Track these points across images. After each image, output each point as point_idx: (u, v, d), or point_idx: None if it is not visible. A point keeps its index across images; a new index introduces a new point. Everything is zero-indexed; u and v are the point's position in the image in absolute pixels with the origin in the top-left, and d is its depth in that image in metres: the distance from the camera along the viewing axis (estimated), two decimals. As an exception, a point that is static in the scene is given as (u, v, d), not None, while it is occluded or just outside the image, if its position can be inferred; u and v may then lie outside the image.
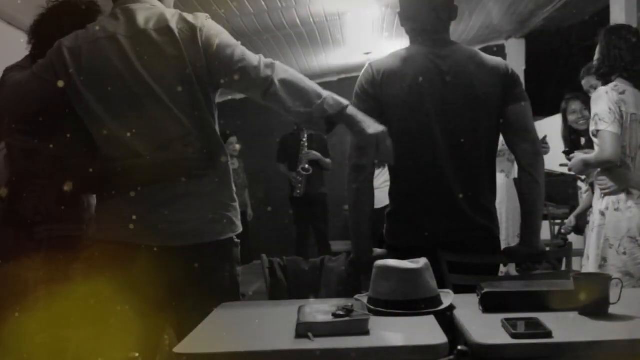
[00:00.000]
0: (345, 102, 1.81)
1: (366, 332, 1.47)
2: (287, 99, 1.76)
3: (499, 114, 2.13)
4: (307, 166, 6.05)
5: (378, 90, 2.11)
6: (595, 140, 2.65)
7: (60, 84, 1.76)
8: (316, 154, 6.12)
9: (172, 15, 1.80)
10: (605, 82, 2.72)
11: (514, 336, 1.41)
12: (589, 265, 2.66)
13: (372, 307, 1.66)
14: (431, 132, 2.09)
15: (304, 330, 1.46)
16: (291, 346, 1.42)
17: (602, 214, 2.67)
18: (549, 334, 1.41)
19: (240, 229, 1.87)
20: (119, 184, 1.77)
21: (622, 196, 2.61)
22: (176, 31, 1.76)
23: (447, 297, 1.74)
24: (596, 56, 2.83)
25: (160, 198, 1.75)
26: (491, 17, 6.08)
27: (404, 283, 1.66)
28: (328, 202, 6.38)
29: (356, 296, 1.78)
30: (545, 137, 4.25)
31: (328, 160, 6.20)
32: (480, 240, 2.14)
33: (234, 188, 1.90)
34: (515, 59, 7.12)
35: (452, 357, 1.34)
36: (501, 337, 1.42)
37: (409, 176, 2.15)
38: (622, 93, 2.63)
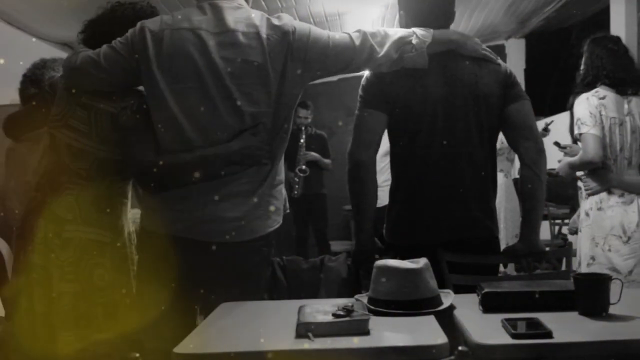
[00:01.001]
0: (425, 30, 2.00)
1: (366, 332, 1.47)
2: (388, 56, 1.93)
3: (500, 114, 2.13)
4: (304, 167, 6.01)
5: (384, 87, 2.11)
6: (579, 144, 2.77)
7: (134, 63, 1.82)
8: (314, 155, 6.09)
9: (260, 20, 1.84)
10: (589, 90, 2.82)
11: (514, 336, 1.41)
12: (580, 266, 2.73)
13: (372, 307, 1.66)
14: (434, 132, 2.10)
15: (304, 330, 1.46)
16: (291, 346, 1.42)
17: (587, 214, 2.78)
18: (549, 334, 1.41)
19: (279, 223, 1.93)
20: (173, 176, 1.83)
21: (604, 196, 2.71)
22: (264, 37, 1.81)
23: (447, 297, 1.74)
24: (582, 66, 2.92)
25: (212, 194, 1.80)
26: (491, 17, 6.08)
27: (404, 283, 1.67)
28: (328, 202, 6.38)
29: (356, 296, 1.78)
30: (551, 122, 4.25)
31: (327, 161, 6.17)
32: (481, 240, 2.14)
33: (280, 187, 1.95)
34: (515, 59, 7.11)
35: (452, 357, 1.33)
36: (501, 337, 1.42)
37: (411, 175, 2.16)
38: (603, 98, 2.75)
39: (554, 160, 2.98)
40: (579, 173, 2.94)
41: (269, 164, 1.88)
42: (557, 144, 3.20)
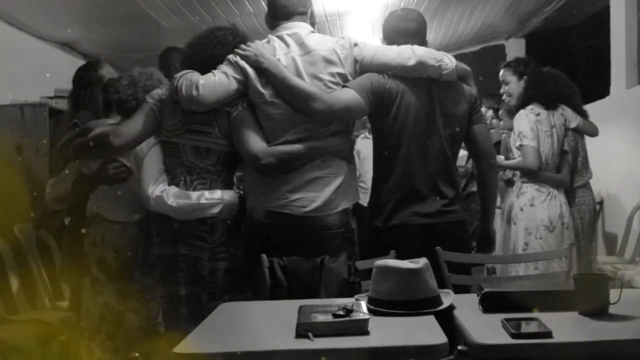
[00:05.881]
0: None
1: (366, 332, 1.48)
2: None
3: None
4: None
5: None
6: (518, 151, 3.36)
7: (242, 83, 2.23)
8: None
9: (331, 41, 2.29)
10: (523, 106, 3.41)
11: (514, 336, 1.41)
12: (516, 250, 3.31)
13: (372, 307, 1.66)
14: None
15: (304, 330, 1.46)
16: (291, 346, 1.42)
17: (522, 209, 3.33)
18: (549, 334, 1.41)
19: (354, 201, 2.33)
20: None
21: (535, 194, 3.29)
22: (338, 52, 2.26)
23: (447, 297, 1.74)
24: (521, 88, 3.50)
25: (302, 178, 2.22)
26: (491, 17, 6.08)
27: (404, 283, 1.67)
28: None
29: (356, 296, 1.79)
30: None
31: None
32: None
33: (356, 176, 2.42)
34: (515, 59, 7.10)
35: (452, 357, 1.34)
36: (501, 337, 1.42)
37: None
38: (538, 115, 3.35)
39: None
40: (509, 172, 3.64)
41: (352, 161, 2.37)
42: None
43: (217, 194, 2.25)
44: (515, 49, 7.10)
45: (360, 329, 1.48)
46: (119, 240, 2.44)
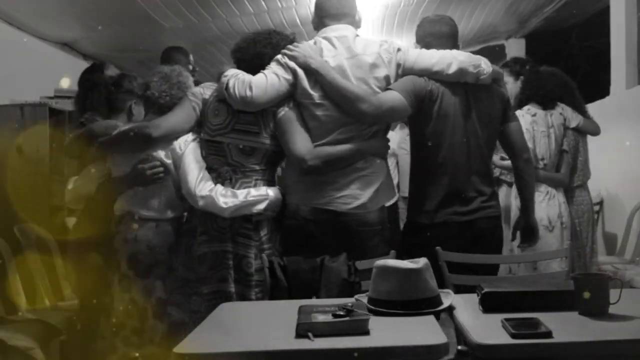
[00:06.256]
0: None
1: (366, 332, 1.48)
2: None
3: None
4: None
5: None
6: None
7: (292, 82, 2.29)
8: None
9: (376, 45, 2.35)
10: (521, 106, 3.42)
11: (514, 336, 1.41)
12: (516, 250, 3.27)
13: (372, 307, 1.66)
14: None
15: (304, 330, 1.46)
16: (291, 346, 1.42)
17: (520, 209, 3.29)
18: (549, 334, 1.41)
19: (392, 199, 2.49)
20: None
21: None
22: (383, 56, 2.33)
23: (447, 297, 1.74)
24: (518, 89, 3.51)
25: (346, 178, 2.29)
26: (491, 17, 6.08)
27: (403, 283, 1.67)
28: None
29: (356, 296, 1.79)
30: None
31: None
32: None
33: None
34: (515, 59, 7.09)
35: (452, 357, 1.33)
36: (501, 337, 1.42)
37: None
38: (534, 115, 3.37)
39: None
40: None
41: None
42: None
43: (263, 190, 2.29)
44: (515, 49, 7.10)
45: (360, 329, 1.48)
46: (152, 237, 2.42)
